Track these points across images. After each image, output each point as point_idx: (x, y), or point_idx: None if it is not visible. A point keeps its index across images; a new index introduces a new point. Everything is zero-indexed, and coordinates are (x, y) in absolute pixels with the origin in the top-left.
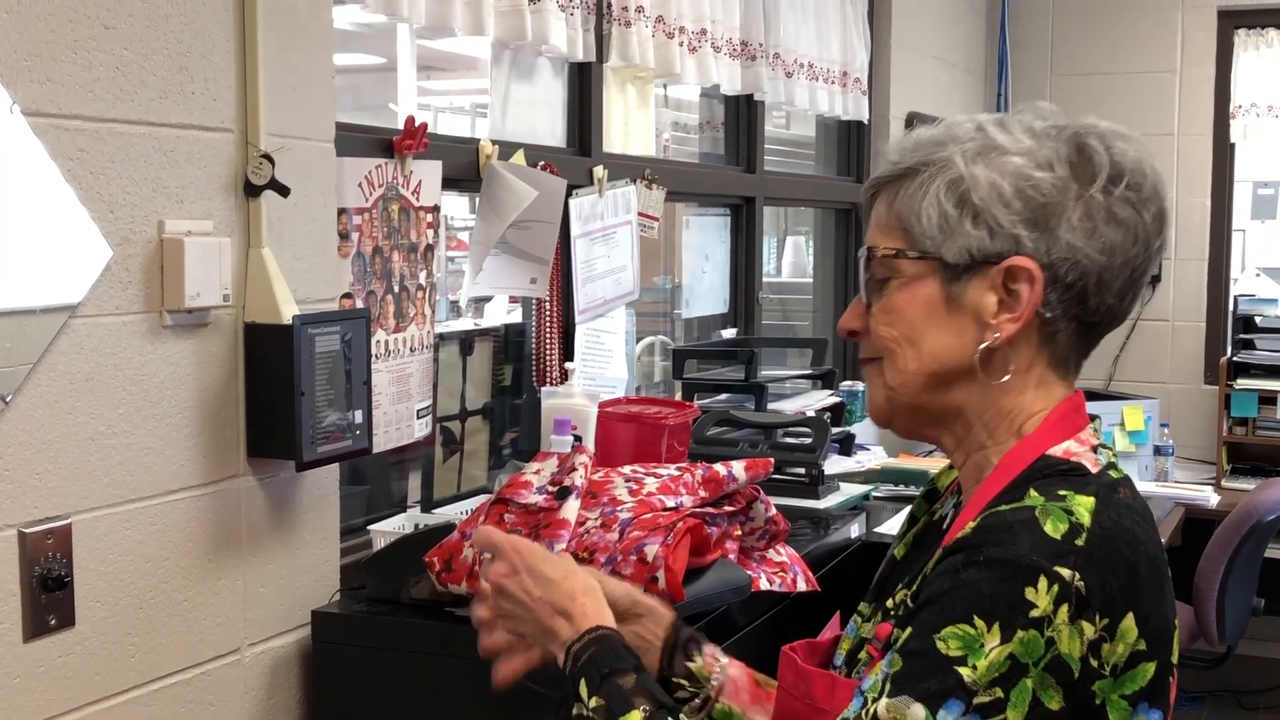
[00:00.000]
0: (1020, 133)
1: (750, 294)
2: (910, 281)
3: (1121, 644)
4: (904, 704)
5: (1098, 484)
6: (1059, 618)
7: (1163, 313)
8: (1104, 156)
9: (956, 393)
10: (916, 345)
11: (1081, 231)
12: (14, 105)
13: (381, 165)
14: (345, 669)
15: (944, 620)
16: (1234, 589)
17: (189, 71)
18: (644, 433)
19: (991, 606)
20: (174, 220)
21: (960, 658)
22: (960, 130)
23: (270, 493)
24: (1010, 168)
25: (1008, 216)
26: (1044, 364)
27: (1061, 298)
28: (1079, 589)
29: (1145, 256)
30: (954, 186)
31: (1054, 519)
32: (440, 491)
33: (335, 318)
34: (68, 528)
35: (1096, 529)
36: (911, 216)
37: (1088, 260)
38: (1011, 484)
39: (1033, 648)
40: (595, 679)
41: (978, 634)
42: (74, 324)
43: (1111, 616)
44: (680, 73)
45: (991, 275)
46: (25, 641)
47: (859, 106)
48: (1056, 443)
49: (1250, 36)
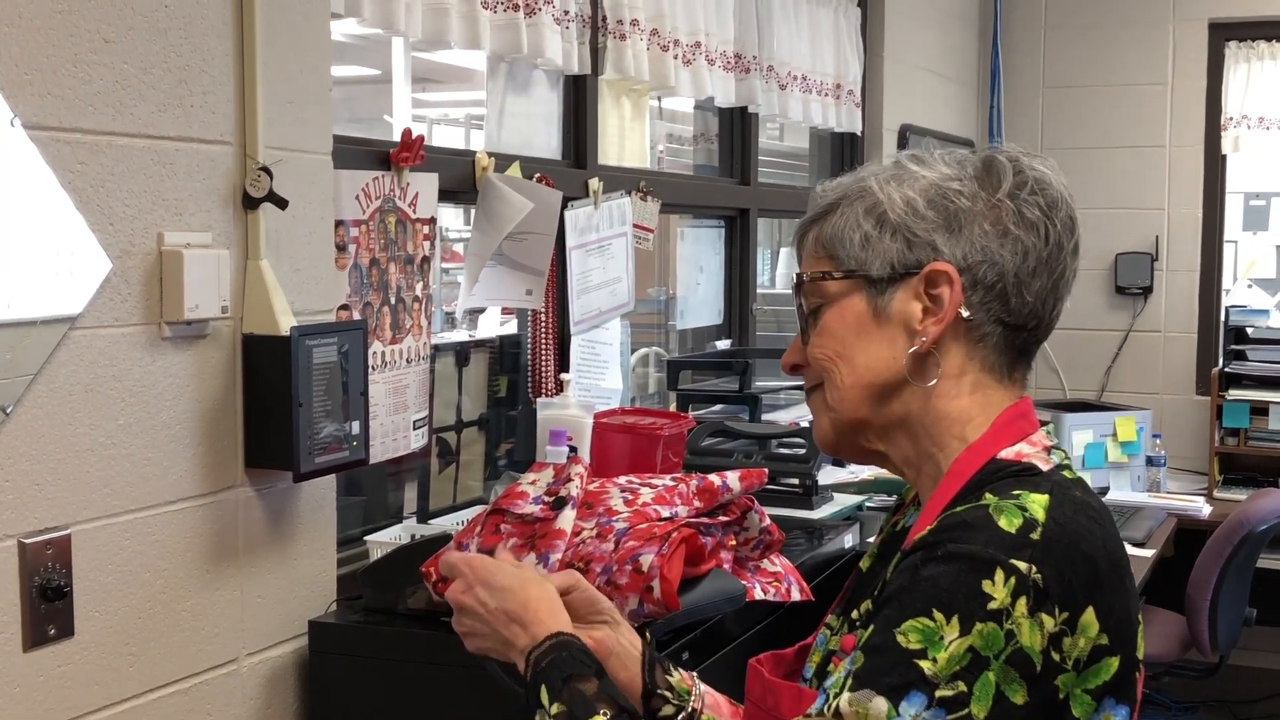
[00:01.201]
0: (936, 161)
1: (744, 305)
2: (839, 301)
3: (1083, 638)
4: (866, 698)
5: (1051, 482)
6: (1017, 610)
7: (1154, 324)
8: (1008, 168)
9: (895, 404)
10: (850, 360)
11: (994, 234)
12: (15, 118)
13: (379, 178)
14: (342, 679)
15: (904, 615)
16: (1226, 599)
17: (188, 85)
18: (639, 443)
19: (950, 599)
20: (173, 232)
21: (920, 650)
22: (878, 166)
23: (268, 503)
24: (922, 184)
25: (923, 226)
26: (976, 369)
27: (983, 299)
28: (1036, 581)
29: (1060, 258)
30: (872, 209)
31: (1007, 514)
32: (436, 502)
33: (332, 329)
34: (67, 538)
35: (1052, 524)
36: (836, 242)
37: (1003, 260)
38: (964, 488)
39: (992, 640)
40: (556, 684)
41: (936, 626)
42: (74, 335)
43: (1071, 610)
44: (675, 85)
45: (914, 284)
46: (25, 651)
47: (852, 118)
48: (1006, 446)
49: (1241, 49)
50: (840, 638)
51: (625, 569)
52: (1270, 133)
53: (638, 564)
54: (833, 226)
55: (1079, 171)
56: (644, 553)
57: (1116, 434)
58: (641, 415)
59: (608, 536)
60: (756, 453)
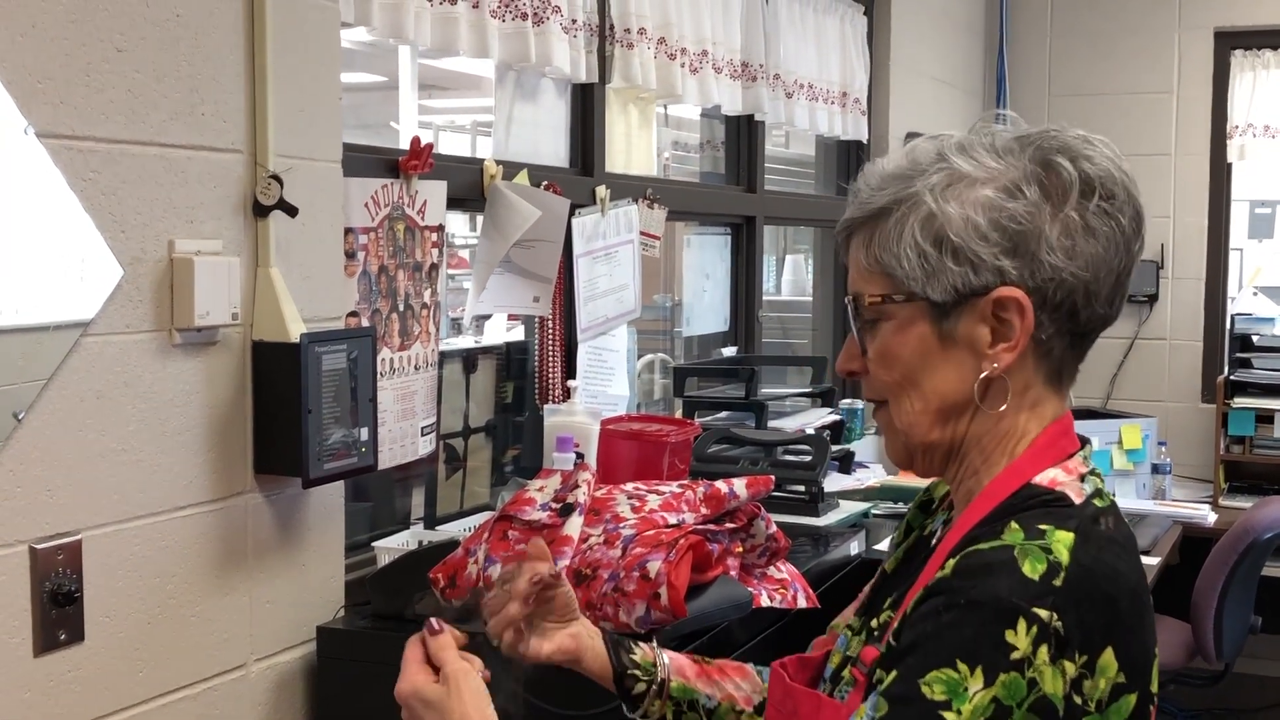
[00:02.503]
0: (985, 155)
1: (750, 312)
2: (901, 324)
3: (1102, 679)
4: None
5: (1080, 517)
6: (1039, 658)
7: (1160, 331)
8: (1072, 172)
9: (963, 423)
10: (919, 386)
11: (1062, 251)
12: (28, 127)
13: (387, 185)
14: (350, 685)
15: (928, 665)
16: (1231, 607)
17: (199, 94)
18: (646, 450)
19: (974, 649)
20: (184, 240)
21: (945, 702)
22: (924, 159)
23: (276, 509)
24: (981, 200)
25: (987, 250)
26: (1040, 382)
27: (1052, 317)
28: (1057, 629)
29: (1127, 259)
30: (928, 225)
31: (1032, 559)
32: (443, 508)
33: (342, 336)
34: (78, 543)
35: (1075, 567)
36: (892, 260)
37: (1072, 278)
38: (994, 512)
39: (1015, 690)
40: None
41: (961, 678)
42: (85, 342)
43: (1090, 653)
44: (682, 93)
45: (981, 307)
46: (35, 656)
47: (858, 126)
48: (1043, 469)
49: (1247, 57)
50: (860, 644)
51: (633, 575)
52: (1276, 141)
53: (645, 571)
54: (886, 240)
55: None
56: (651, 559)
57: (1122, 441)
58: (648, 422)
59: (615, 543)
60: (762, 460)
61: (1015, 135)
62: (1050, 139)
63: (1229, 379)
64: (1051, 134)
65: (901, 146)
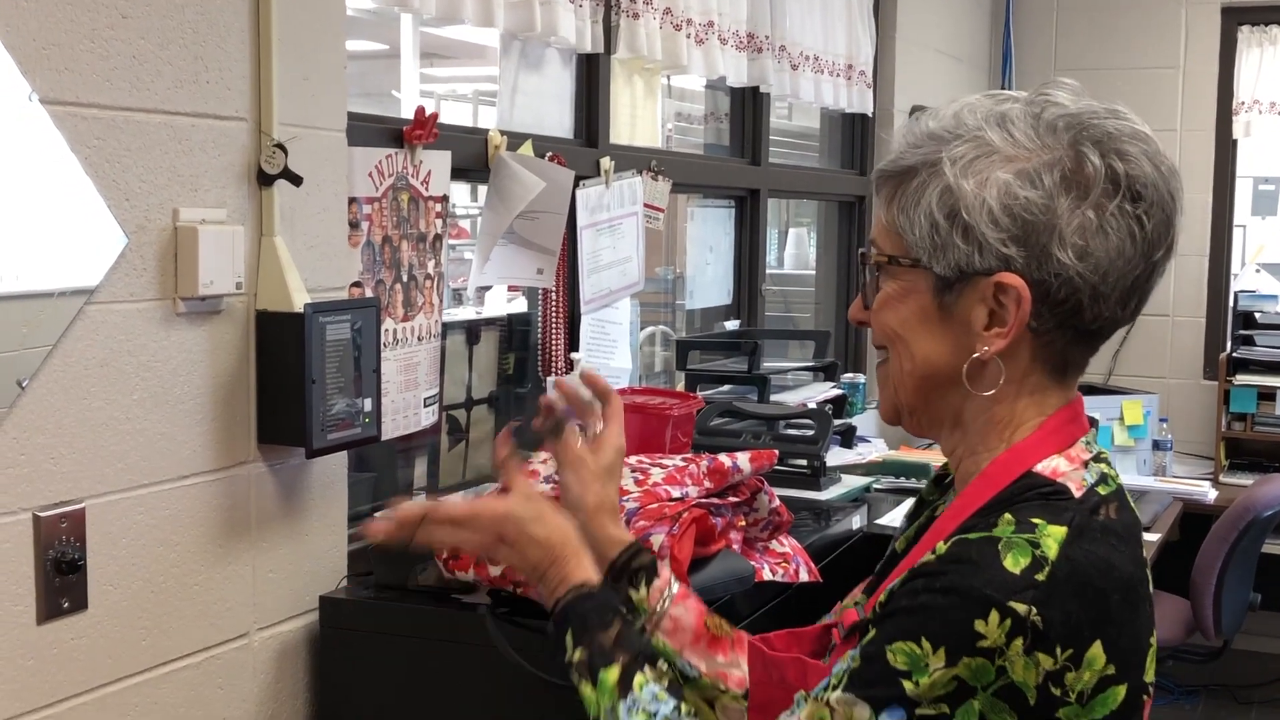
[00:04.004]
0: (1024, 130)
1: (754, 286)
2: (905, 287)
3: (1088, 671)
4: (852, 701)
5: (1077, 510)
6: (1012, 649)
7: (1163, 308)
8: (1099, 167)
9: (952, 397)
10: (910, 346)
11: (1073, 249)
12: (32, 94)
13: (391, 155)
14: (352, 654)
15: (897, 634)
16: (1231, 584)
17: (204, 61)
18: (649, 423)
19: (941, 632)
20: (188, 208)
21: (905, 672)
22: (965, 123)
23: (280, 479)
24: (1000, 181)
25: (996, 234)
26: (1041, 372)
27: (1054, 311)
28: (1035, 623)
29: (1145, 265)
30: (945, 197)
31: (1016, 552)
32: (446, 479)
33: (346, 306)
34: (81, 512)
35: (1063, 562)
36: (906, 223)
37: (1079, 278)
38: (992, 501)
39: (981, 674)
40: (580, 633)
41: (923, 654)
42: (89, 310)
43: (1076, 646)
44: (687, 64)
45: (982, 288)
46: (39, 624)
47: (863, 99)
48: (1046, 455)
49: (1254, 33)
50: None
51: None
52: None
53: (648, 543)
54: (905, 201)
55: None
56: (654, 532)
57: (1123, 418)
58: (651, 395)
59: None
60: (765, 433)
61: (1063, 113)
62: (1091, 126)
63: (1231, 356)
64: (1093, 121)
65: (907, 120)
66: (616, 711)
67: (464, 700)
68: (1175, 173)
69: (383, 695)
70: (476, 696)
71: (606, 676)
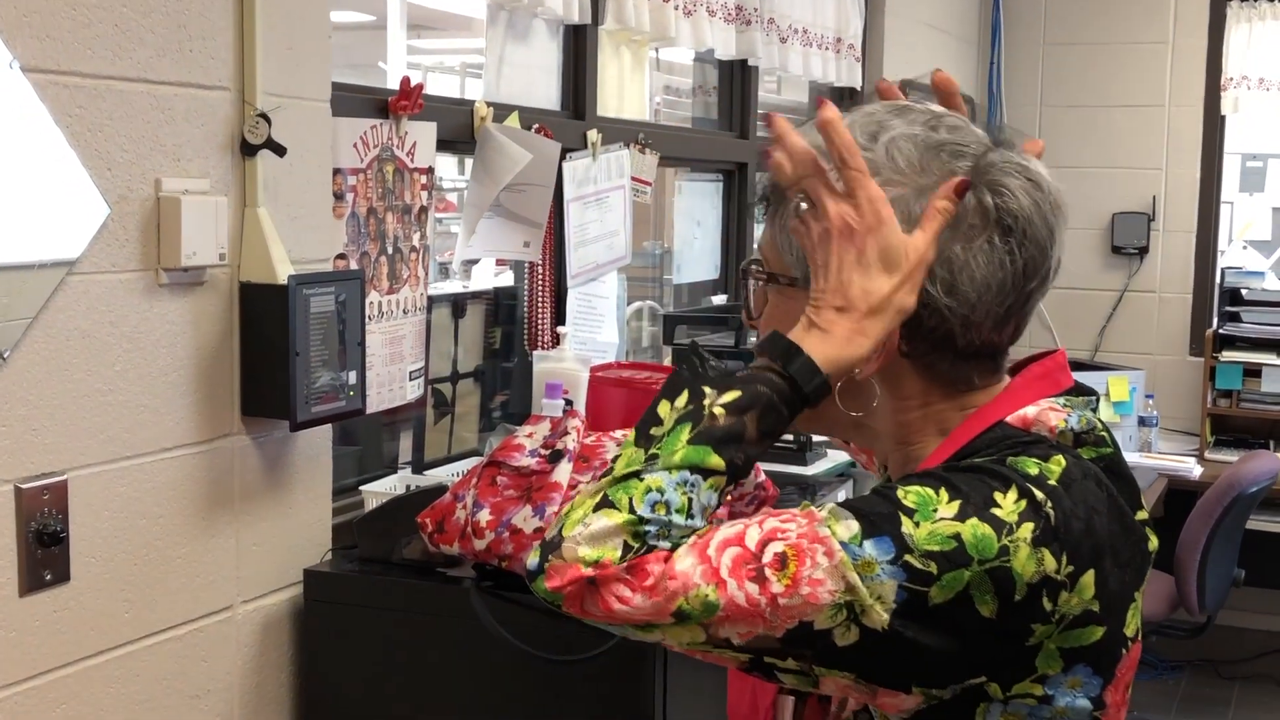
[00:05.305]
0: (907, 153)
1: (741, 260)
2: (785, 300)
3: (1077, 597)
4: (845, 514)
5: (1062, 450)
6: (1020, 533)
7: (1150, 284)
8: (969, 201)
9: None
10: None
11: (941, 283)
12: (13, 61)
13: (376, 126)
14: (336, 627)
15: (914, 482)
16: (1215, 560)
17: (187, 29)
18: (635, 398)
19: (958, 488)
20: (171, 178)
21: (910, 509)
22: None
23: (264, 452)
24: None
25: None
26: (939, 386)
27: (926, 338)
28: (1049, 514)
29: (1020, 296)
30: None
31: (1023, 464)
32: (431, 453)
33: (330, 278)
34: (64, 484)
35: (1066, 480)
36: (784, 241)
37: (947, 310)
38: (964, 448)
39: (984, 545)
40: (745, 400)
41: (936, 500)
42: (71, 281)
43: (1077, 565)
44: (675, 36)
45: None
46: (21, 596)
47: (852, 73)
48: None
49: (1243, 9)
50: None
51: None
52: (1270, 94)
53: None
54: (783, 218)
55: (1077, 130)
56: None
57: (1109, 394)
58: (637, 369)
59: None
60: None
61: (949, 140)
62: (971, 157)
63: (1217, 332)
64: (967, 149)
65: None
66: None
67: (448, 673)
68: (1059, 207)
69: (367, 668)
70: (461, 670)
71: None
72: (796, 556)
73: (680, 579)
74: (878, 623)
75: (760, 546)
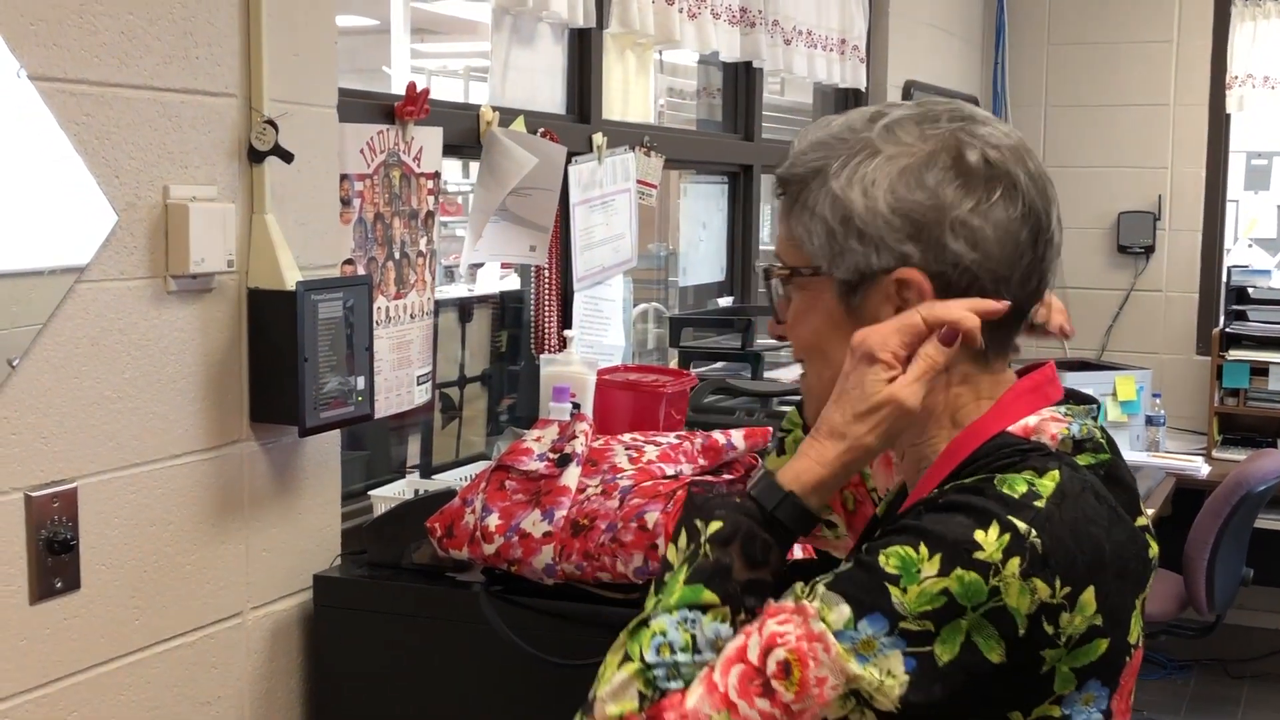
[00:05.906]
0: (908, 129)
1: (747, 262)
2: (811, 296)
3: (1079, 616)
4: (835, 599)
5: (1061, 461)
6: (1008, 569)
7: (1156, 283)
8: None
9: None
10: (825, 355)
11: (965, 239)
12: (21, 69)
13: (383, 131)
14: (346, 633)
15: (893, 540)
16: (1223, 559)
17: (193, 37)
18: (642, 401)
19: (938, 538)
20: (178, 185)
21: (894, 576)
22: (853, 128)
23: (273, 458)
24: (887, 181)
25: (891, 234)
26: (962, 359)
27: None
28: (1034, 545)
29: (1040, 240)
30: (836, 204)
31: (1011, 482)
32: (439, 457)
33: (338, 284)
34: (73, 491)
35: (1059, 495)
36: (803, 234)
37: (976, 265)
38: (960, 465)
39: (974, 591)
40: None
41: (917, 559)
42: (80, 288)
43: (1074, 585)
44: (680, 39)
45: (884, 286)
46: (31, 604)
47: (857, 74)
48: (1014, 420)
49: (1248, 7)
50: None
51: (630, 526)
52: (1275, 92)
53: (643, 521)
54: (799, 211)
55: (1082, 129)
56: (649, 510)
57: (1116, 393)
58: (644, 373)
59: (613, 494)
60: (758, 410)
61: (947, 108)
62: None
63: (1224, 331)
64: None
65: (901, 96)
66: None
67: (458, 678)
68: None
69: (377, 673)
70: (470, 674)
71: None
72: (799, 661)
73: (693, 716)
74: (890, 703)
75: (762, 658)
